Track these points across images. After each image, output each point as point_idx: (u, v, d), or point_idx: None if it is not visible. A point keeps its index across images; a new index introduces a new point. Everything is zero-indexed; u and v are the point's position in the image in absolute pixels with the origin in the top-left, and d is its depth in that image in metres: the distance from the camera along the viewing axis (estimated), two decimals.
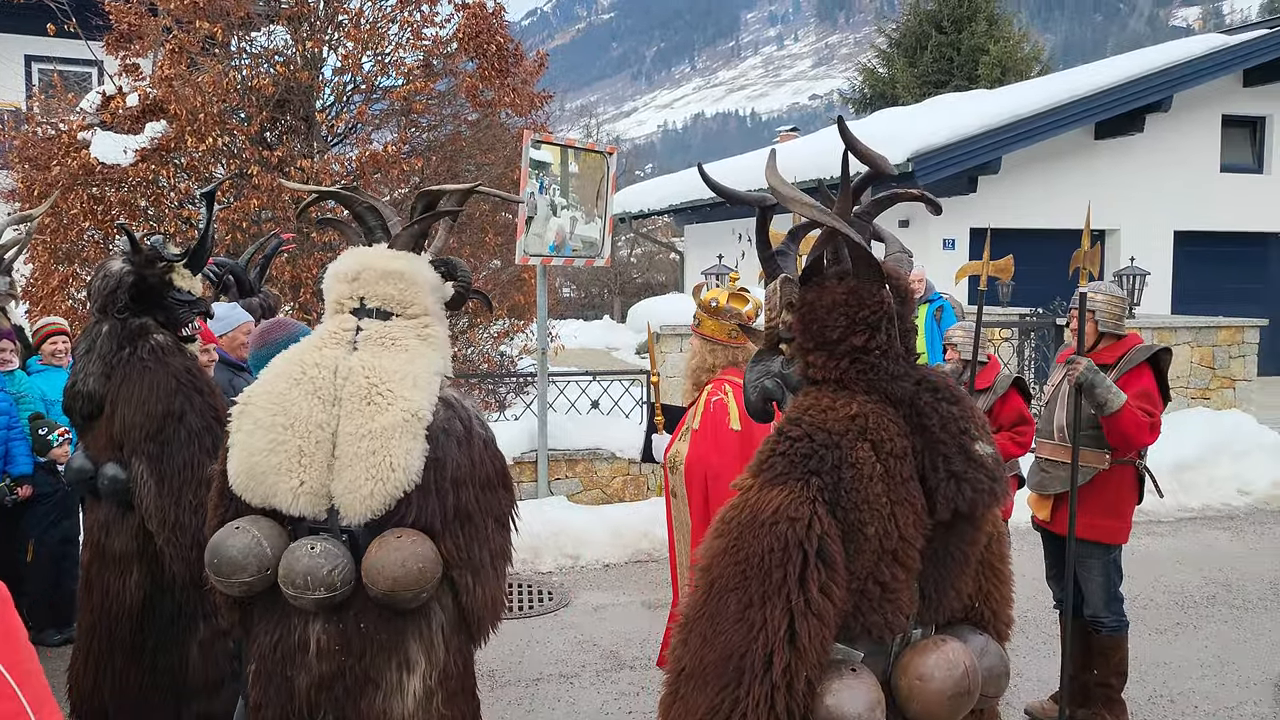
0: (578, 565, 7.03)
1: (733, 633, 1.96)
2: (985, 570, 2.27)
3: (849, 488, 1.99)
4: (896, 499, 2.01)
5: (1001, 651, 2.24)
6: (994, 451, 2.12)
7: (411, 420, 2.78)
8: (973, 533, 2.14)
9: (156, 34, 9.59)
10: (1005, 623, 2.31)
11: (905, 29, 28.04)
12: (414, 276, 2.95)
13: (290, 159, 9.38)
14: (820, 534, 1.95)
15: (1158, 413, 4.36)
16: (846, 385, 2.12)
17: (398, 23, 10.36)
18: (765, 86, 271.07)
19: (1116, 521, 4.48)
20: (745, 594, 1.96)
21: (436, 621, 2.88)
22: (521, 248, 7.25)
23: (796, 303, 2.19)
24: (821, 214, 2.10)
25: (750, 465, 2.14)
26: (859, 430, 2.04)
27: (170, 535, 3.74)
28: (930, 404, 2.09)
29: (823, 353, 2.15)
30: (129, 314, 3.87)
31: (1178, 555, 7.36)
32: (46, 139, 9.56)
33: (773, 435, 2.15)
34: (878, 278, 2.11)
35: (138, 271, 3.89)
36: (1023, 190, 14.61)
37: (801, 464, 2.02)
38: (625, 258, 29.33)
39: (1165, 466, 8.76)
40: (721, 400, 3.96)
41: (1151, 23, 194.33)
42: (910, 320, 2.20)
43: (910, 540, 2.03)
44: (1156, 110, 14.76)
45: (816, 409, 2.10)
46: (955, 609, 2.20)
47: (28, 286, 9.75)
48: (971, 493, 2.04)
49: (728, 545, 2.03)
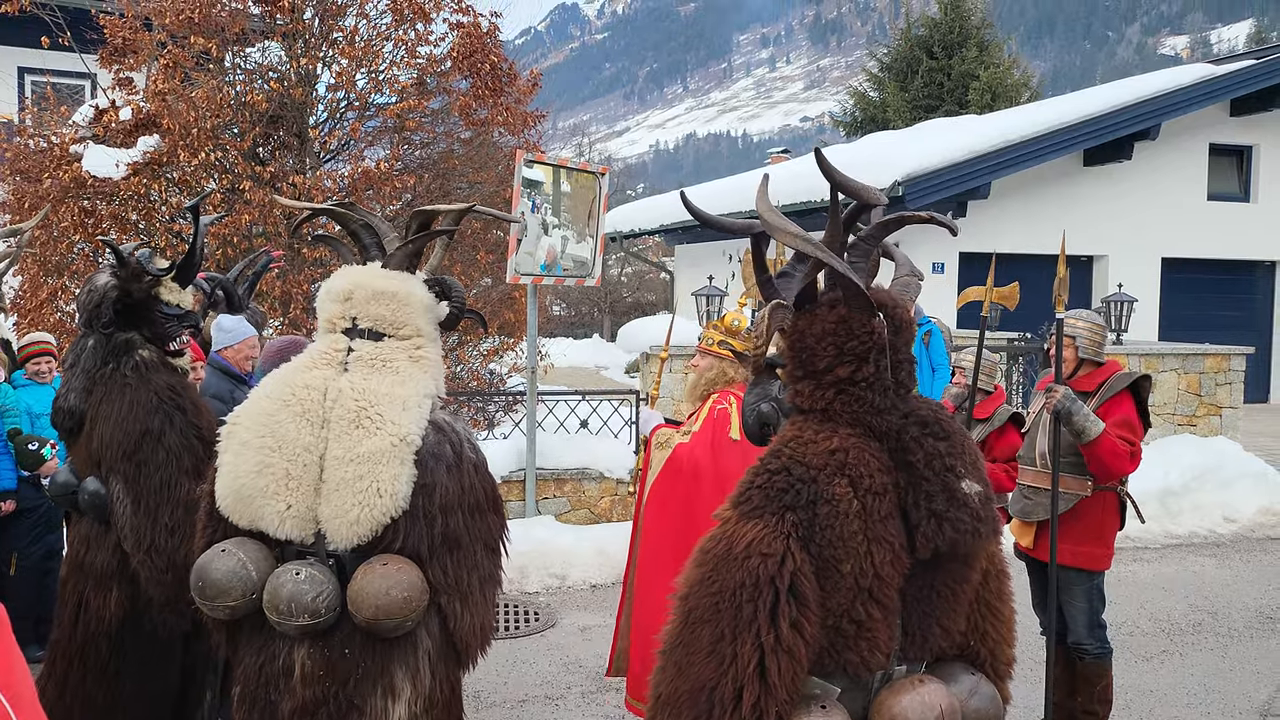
0: (564, 585, 6.99)
1: (705, 665, 1.96)
2: (982, 608, 2.22)
3: (824, 524, 1.97)
4: (873, 537, 1.98)
5: (994, 694, 2.19)
6: (982, 490, 2.08)
7: (400, 445, 2.76)
8: (962, 570, 2.10)
9: (151, 48, 9.59)
10: (1004, 662, 2.26)
11: (896, 53, 28.23)
12: (407, 297, 2.94)
13: (283, 175, 9.37)
14: (793, 570, 1.93)
15: (1138, 441, 4.37)
16: (831, 416, 2.10)
17: (392, 40, 10.38)
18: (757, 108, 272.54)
19: (1100, 548, 4.49)
20: (718, 627, 1.96)
21: (423, 648, 2.86)
22: (513, 266, 7.25)
23: (788, 329, 2.17)
24: (807, 244, 2.08)
25: (730, 496, 2.13)
26: (837, 466, 2.01)
27: (145, 557, 3.67)
28: (916, 439, 2.06)
29: (810, 382, 2.13)
30: (114, 328, 3.83)
31: (1164, 582, 7.37)
32: (38, 151, 9.53)
33: (754, 466, 2.13)
34: (868, 308, 2.09)
35: (123, 286, 3.84)
36: (1012, 215, 14.71)
37: (778, 498, 2.01)
38: (615, 277, 29.36)
39: (1151, 493, 8.79)
40: (725, 410, 3.99)
41: (1140, 50, 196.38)
42: (906, 351, 2.16)
43: (887, 579, 1.99)
44: (1145, 138, 14.90)
45: (798, 442, 2.09)
46: (944, 647, 2.15)
47: (16, 299, 9.70)
48: (952, 532, 2.01)
49: (704, 576, 2.03)
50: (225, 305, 5.27)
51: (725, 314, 4.27)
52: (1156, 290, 15.77)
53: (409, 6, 10.14)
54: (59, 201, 8.88)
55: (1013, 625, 2.30)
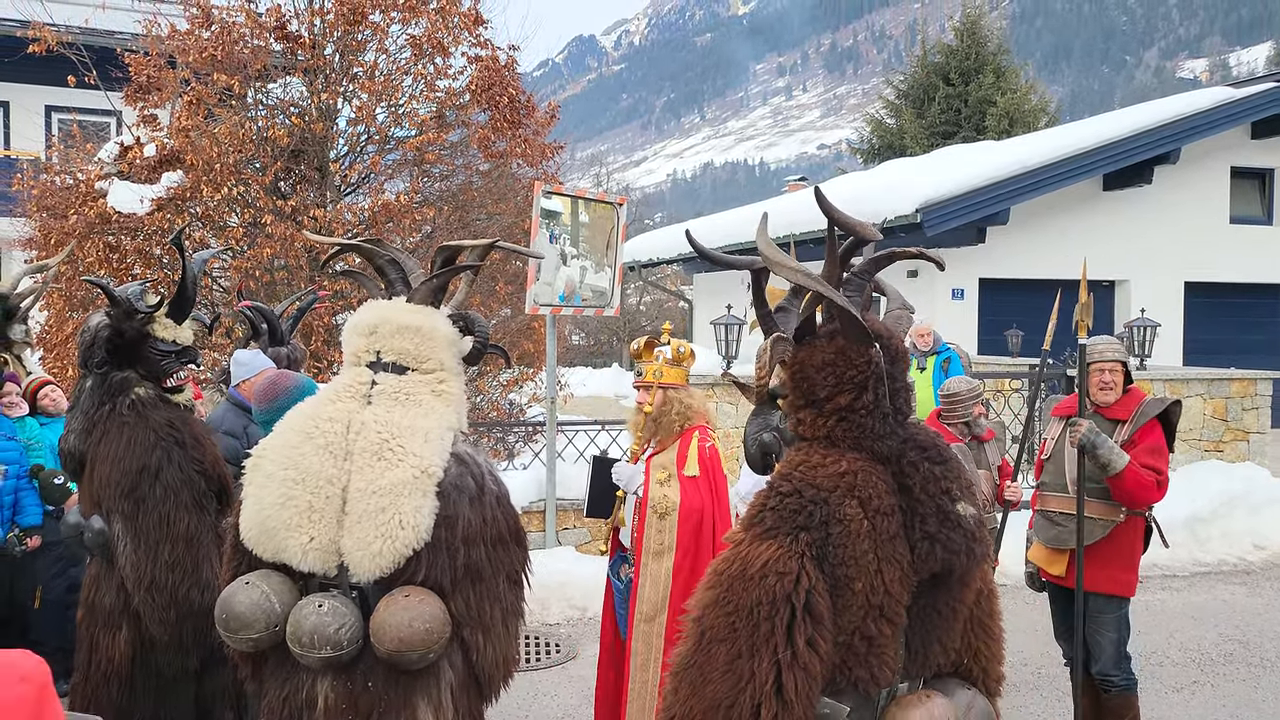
0: (585, 617, 6.96)
1: (721, 683, 2.00)
2: (974, 627, 2.30)
3: (837, 544, 2.03)
4: (883, 555, 2.05)
5: (989, 708, 2.26)
6: (976, 513, 2.14)
7: (422, 477, 2.77)
8: (959, 590, 2.18)
9: (175, 86, 9.75)
10: (995, 679, 2.33)
11: (913, 80, 28.33)
12: (431, 331, 2.96)
13: (304, 208, 9.47)
14: (808, 589, 1.99)
15: (1165, 469, 4.34)
16: (835, 443, 2.16)
17: (411, 75, 10.51)
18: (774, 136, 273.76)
19: (1129, 573, 4.46)
20: (734, 645, 2.00)
21: (445, 680, 2.85)
22: (531, 297, 7.28)
23: (788, 361, 2.23)
24: (807, 279, 2.15)
25: (742, 518, 2.18)
26: (847, 487, 2.08)
27: (146, 595, 3.66)
28: (914, 463, 2.13)
29: (811, 410, 2.19)
30: (109, 368, 3.84)
31: (1193, 611, 7.25)
32: (64, 188, 9.68)
33: (764, 490, 2.18)
34: (866, 339, 2.15)
35: (115, 325, 3.86)
36: (1031, 241, 14.66)
37: (791, 519, 2.06)
38: (634, 305, 29.43)
39: (1178, 520, 8.67)
40: (714, 447, 3.95)
41: (1159, 74, 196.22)
42: (903, 379, 2.22)
43: (896, 596, 2.06)
44: (1164, 162, 14.86)
45: (807, 465, 2.15)
46: (942, 664, 2.22)
47: (43, 333, 9.82)
48: (944, 553, 2.07)
49: (718, 597, 2.07)
50: (269, 338, 5.30)
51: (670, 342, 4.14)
52: (1180, 315, 15.66)
53: (428, 41, 10.28)
54: (84, 237, 9.00)
55: (1002, 643, 2.39)
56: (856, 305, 2.23)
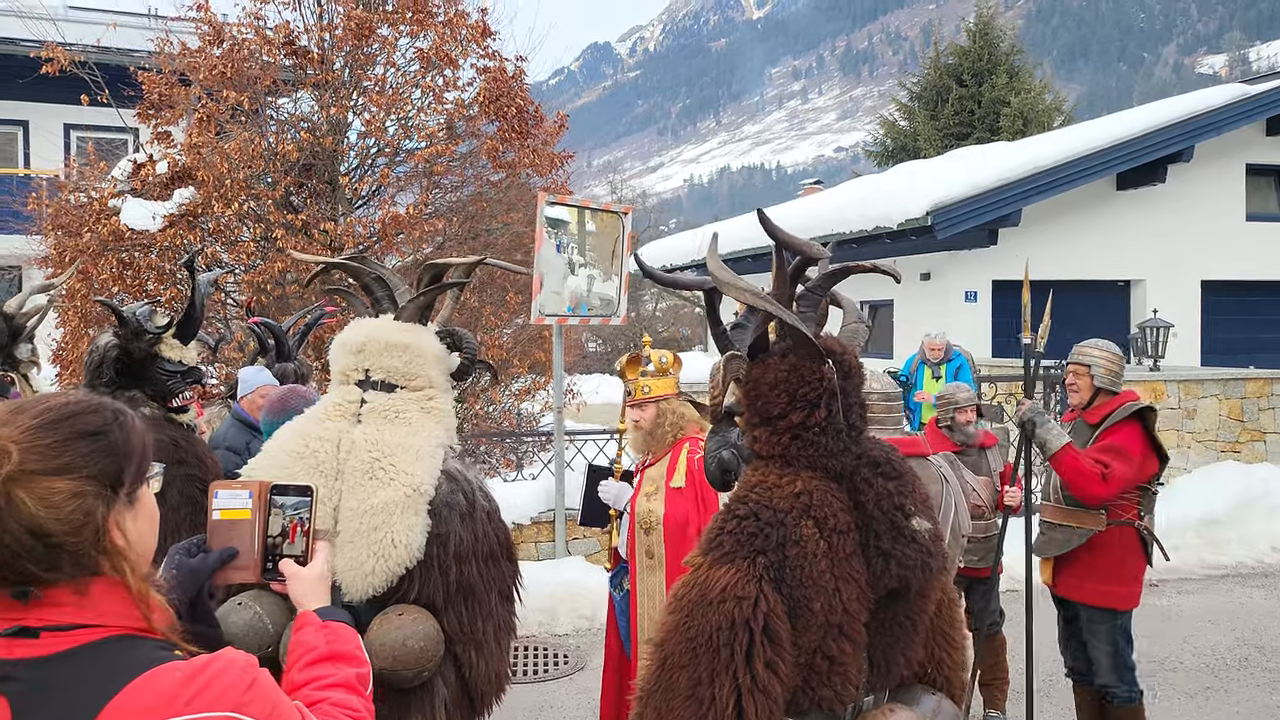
0: (594, 627, 6.96)
1: (684, 709, 2.01)
2: (936, 637, 2.30)
3: (794, 565, 2.03)
4: (840, 574, 2.04)
5: (956, 711, 2.27)
6: (932, 527, 2.14)
7: (413, 495, 2.78)
8: (918, 603, 2.18)
9: (187, 103, 9.85)
10: (959, 687, 2.34)
11: (926, 82, 28.24)
12: (419, 349, 2.97)
13: (315, 222, 9.54)
14: (766, 611, 1.99)
15: (1122, 468, 4.21)
16: (789, 461, 2.16)
17: (420, 87, 10.58)
18: (790, 140, 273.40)
19: (1121, 586, 4.36)
20: (695, 671, 2.01)
21: (440, 697, 2.86)
22: (537, 308, 7.31)
23: (742, 379, 2.23)
24: (755, 298, 2.15)
25: (700, 542, 2.18)
26: (803, 508, 2.08)
27: None
28: (867, 480, 2.12)
29: (766, 428, 2.19)
30: (116, 387, 3.89)
31: (1208, 615, 7.18)
32: (78, 206, 9.79)
33: (722, 513, 2.18)
34: (817, 356, 2.15)
35: (123, 345, 3.90)
36: (1044, 242, 14.57)
37: (748, 543, 2.06)
38: (650, 312, 29.45)
39: (1193, 522, 8.61)
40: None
41: (1177, 71, 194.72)
42: (857, 394, 2.21)
43: (854, 614, 2.05)
44: (1178, 160, 14.73)
45: (763, 486, 2.15)
46: (906, 675, 2.23)
47: (59, 350, 9.94)
48: (899, 569, 2.07)
49: (679, 622, 2.08)
50: (275, 353, 5.35)
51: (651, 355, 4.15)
52: (1197, 314, 15.51)
53: (436, 53, 10.34)
54: (98, 255, 9.10)
55: (965, 651, 2.40)
56: (810, 322, 2.23)
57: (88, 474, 1.32)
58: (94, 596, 1.32)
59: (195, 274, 4.06)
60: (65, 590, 1.30)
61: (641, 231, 32.48)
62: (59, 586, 1.30)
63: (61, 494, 1.28)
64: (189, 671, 1.29)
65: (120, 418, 1.41)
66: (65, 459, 1.31)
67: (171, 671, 1.29)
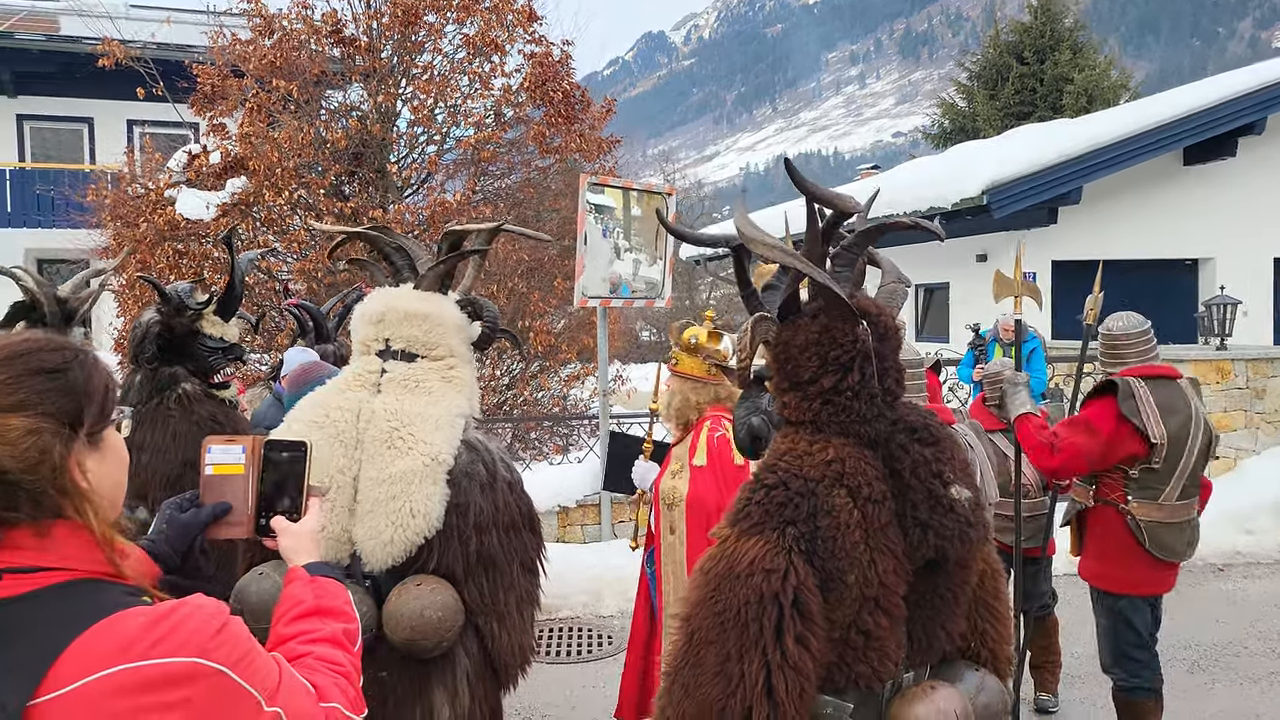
0: None
1: (711, 685, 1.92)
2: (980, 609, 2.19)
3: (826, 536, 1.92)
4: (875, 546, 1.94)
5: (1000, 687, 2.15)
6: (972, 495, 2.01)
7: (432, 465, 2.75)
8: (958, 575, 2.06)
9: (239, 93, 10.00)
10: (1004, 660, 2.23)
11: (985, 61, 27.65)
12: (439, 318, 2.94)
13: (364, 210, 9.63)
14: (796, 585, 1.89)
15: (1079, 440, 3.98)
16: (820, 427, 2.06)
17: (467, 74, 10.61)
18: (848, 125, 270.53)
19: (1110, 569, 4.11)
20: (723, 647, 1.91)
21: (461, 668, 2.84)
22: (580, 289, 7.28)
23: (772, 341, 2.13)
24: (785, 255, 2.05)
25: (727, 514, 2.08)
26: (835, 476, 1.97)
27: None
28: (903, 446, 2.01)
29: (796, 393, 2.09)
30: (158, 363, 3.94)
31: (1277, 600, 6.91)
32: (136, 198, 10.01)
33: (750, 482, 2.08)
34: (850, 316, 2.04)
35: (165, 321, 3.96)
36: (1106, 220, 14.16)
37: (777, 513, 1.96)
38: (705, 299, 29.32)
39: (1266, 504, 8.31)
40: (725, 436, 3.86)
41: (1253, 45, 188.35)
42: (893, 358, 2.10)
43: (892, 587, 1.95)
44: (1249, 133, 14.18)
45: (793, 454, 2.04)
46: (948, 650, 2.12)
47: (120, 337, 10.18)
48: (937, 539, 1.96)
49: (706, 596, 1.98)
50: (315, 335, 5.39)
51: (685, 331, 4.04)
52: (1270, 292, 14.95)
53: (483, 39, 10.35)
54: (154, 244, 9.29)
55: (1009, 623, 2.29)
56: (846, 281, 2.12)
57: (44, 410, 1.29)
58: (56, 539, 1.30)
59: (234, 251, 4.10)
60: (26, 532, 1.28)
61: (695, 219, 32.33)
62: (19, 528, 1.28)
63: (16, 430, 1.26)
64: (154, 616, 1.27)
65: (81, 357, 1.38)
66: (20, 395, 1.29)
67: (136, 616, 1.26)
